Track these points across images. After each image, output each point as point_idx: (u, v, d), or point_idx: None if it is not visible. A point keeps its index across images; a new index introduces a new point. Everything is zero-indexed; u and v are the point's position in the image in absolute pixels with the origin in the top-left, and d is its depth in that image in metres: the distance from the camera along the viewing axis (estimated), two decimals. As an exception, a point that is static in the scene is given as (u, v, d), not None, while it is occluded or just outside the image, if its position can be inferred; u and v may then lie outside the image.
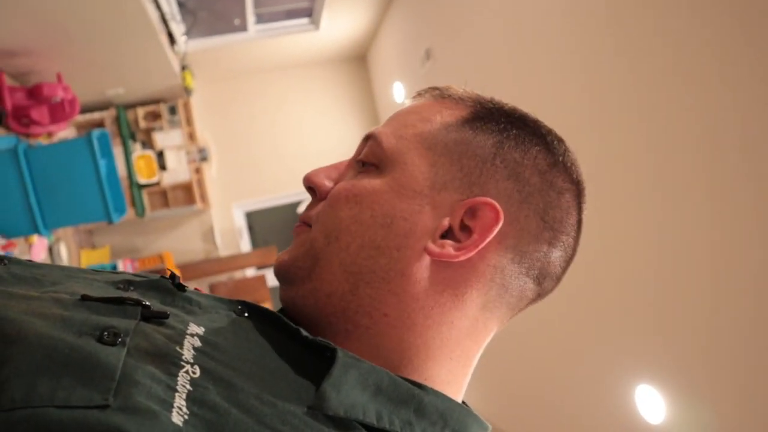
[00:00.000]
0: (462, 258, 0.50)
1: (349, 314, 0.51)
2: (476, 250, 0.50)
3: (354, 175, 0.57)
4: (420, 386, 0.47)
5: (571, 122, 2.37)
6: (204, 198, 4.84)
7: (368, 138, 0.58)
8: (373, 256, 0.51)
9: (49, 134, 3.23)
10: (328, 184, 0.58)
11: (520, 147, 0.54)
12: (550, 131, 0.56)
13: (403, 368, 0.50)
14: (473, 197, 0.51)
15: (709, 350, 2.06)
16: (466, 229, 0.51)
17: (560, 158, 0.55)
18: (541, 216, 0.53)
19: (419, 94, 0.62)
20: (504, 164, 0.53)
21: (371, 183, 0.54)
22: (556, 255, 0.54)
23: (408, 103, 0.62)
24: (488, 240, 0.50)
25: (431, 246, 0.50)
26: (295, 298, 0.54)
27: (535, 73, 2.76)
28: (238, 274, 5.12)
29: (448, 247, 0.50)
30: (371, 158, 0.55)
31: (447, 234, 0.51)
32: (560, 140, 0.56)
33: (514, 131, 0.54)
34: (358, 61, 5.63)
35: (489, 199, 0.50)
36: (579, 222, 0.56)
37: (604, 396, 2.71)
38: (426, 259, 0.51)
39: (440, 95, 0.59)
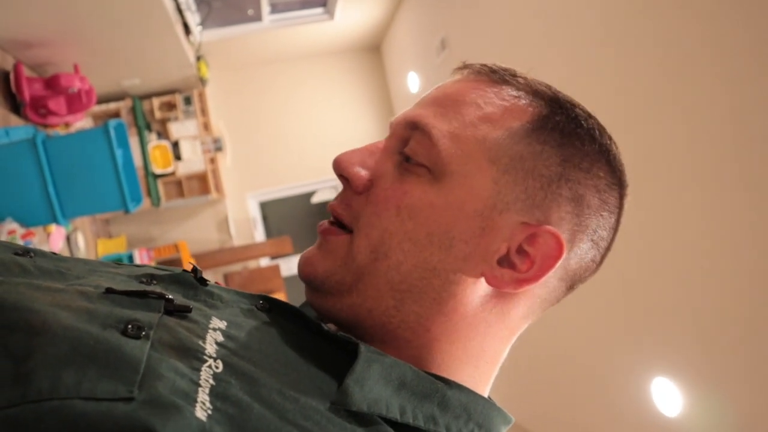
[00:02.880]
0: (521, 290, 0.49)
1: (390, 328, 0.50)
2: (537, 283, 0.49)
3: (395, 169, 0.52)
4: (443, 380, 0.47)
5: (593, 111, 2.34)
6: (218, 188, 4.86)
7: (415, 127, 0.52)
8: (427, 278, 0.49)
9: (66, 124, 3.25)
10: (364, 173, 0.52)
11: (585, 164, 0.50)
12: (612, 141, 0.52)
13: (436, 370, 0.50)
14: (536, 223, 0.48)
15: (726, 342, 2.04)
16: (521, 251, 0.49)
17: (619, 174, 0.52)
18: (591, 238, 0.51)
19: (467, 67, 0.56)
20: (568, 185, 0.49)
21: (426, 194, 0.49)
22: (592, 267, 0.54)
23: (455, 77, 0.56)
24: (551, 272, 0.49)
25: (490, 275, 0.49)
26: (331, 310, 0.52)
27: (553, 63, 2.74)
28: (252, 264, 5.14)
29: (507, 277, 0.48)
30: (421, 158, 0.50)
31: (502, 257, 0.49)
32: (617, 147, 0.53)
33: (579, 144, 0.50)
34: (373, 51, 5.61)
35: (554, 230, 0.48)
36: (616, 233, 0.55)
37: (621, 388, 2.70)
38: (480, 283, 0.49)
39: (497, 79, 0.53)
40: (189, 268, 0.53)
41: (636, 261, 2.39)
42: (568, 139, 0.50)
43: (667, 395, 2.36)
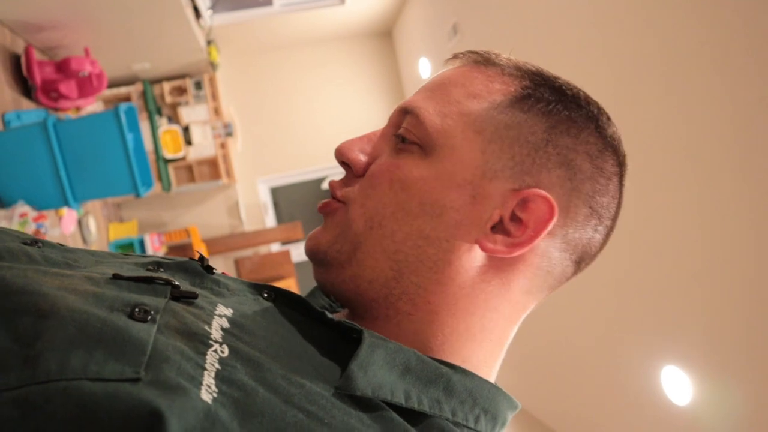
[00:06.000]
0: (514, 254, 0.50)
1: (391, 300, 0.51)
2: (529, 247, 0.49)
3: (392, 150, 0.54)
4: (448, 365, 0.46)
5: (607, 100, 2.32)
6: (229, 173, 4.88)
7: (406, 112, 0.54)
8: (421, 246, 0.50)
9: (77, 108, 3.26)
10: (363, 158, 0.56)
11: (573, 131, 0.51)
12: (600, 110, 0.54)
13: (440, 350, 0.50)
14: (525, 188, 0.50)
15: (736, 331, 2.03)
16: (516, 219, 0.50)
17: (610, 140, 0.53)
18: (589, 204, 0.51)
19: (456, 57, 0.58)
20: (556, 151, 0.50)
21: (417, 168, 0.51)
22: (598, 238, 0.54)
23: (446, 67, 0.59)
24: (542, 236, 0.49)
25: (483, 241, 0.49)
26: (334, 283, 0.53)
27: (567, 50, 2.71)
28: (263, 249, 5.17)
29: (500, 242, 0.49)
30: (412, 136, 0.52)
31: (496, 225, 0.50)
32: (609, 118, 0.54)
33: (565, 112, 0.51)
34: (384, 36, 5.59)
35: (544, 192, 0.49)
36: (620, 203, 0.55)
37: (630, 377, 2.70)
38: (475, 250, 0.50)
39: (483, 62, 0.56)
40: (196, 256, 0.54)
41: (645, 249, 2.38)
42: (553, 107, 0.51)
43: (677, 384, 2.36)
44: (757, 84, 1.75)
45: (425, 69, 4.76)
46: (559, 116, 0.51)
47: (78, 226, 3.25)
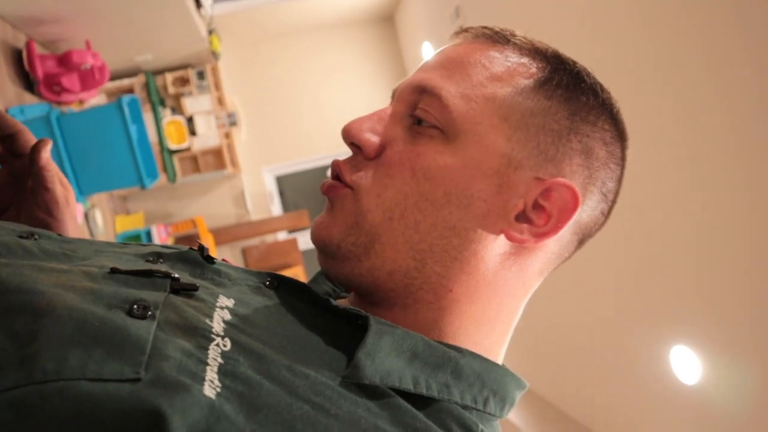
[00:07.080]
0: (540, 243, 0.50)
1: (412, 290, 0.50)
2: (555, 236, 0.50)
3: (406, 132, 0.52)
4: (456, 348, 0.46)
5: (615, 85, 2.30)
6: (234, 163, 4.87)
7: (423, 91, 0.51)
8: (447, 236, 0.49)
9: (80, 102, 3.26)
10: (375, 140, 0.52)
11: (591, 117, 0.51)
12: (611, 97, 0.53)
13: (454, 336, 0.50)
14: (549, 177, 0.49)
15: (746, 309, 2.02)
16: (537, 207, 0.49)
17: (621, 126, 0.53)
18: (600, 189, 0.52)
19: (467, 31, 0.56)
20: (577, 138, 0.50)
21: (441, 155, 0.49)
22: (602, 220, 0.54)
23: (455, 41, 0.56)
24: (568, 224, 0.49)
25: (511, 231, 0.49)
26: (349, 275, 0.51)
27: (571, 35, 2.68)
28: (269, 238, 5.18)
29: (527, 232, 0.49)
30: (432, 119, 0.50)
31: (519, 214, 0.49)
32: (617, 104, 0.54)
33: (584, 98, 0.51)
34: (386, 21, 5.55)
35: (568, 182, 0.48)
36: (620, 186, 0.55)
37: (639, 357, 2.70)
38: (501, 239, 0.50)
39: (498, 39, 0.54)
40: (195, 246, 0.53)
41: (655, 226, 2.37)
42: (573, 93, 0.51)
43: (686, 363, 2.35)
44: (756, 81, 1.73)
45: (428, 54, 4.72)
46: (579, 102, 0.50)
47: (84, 220, 3.27)
